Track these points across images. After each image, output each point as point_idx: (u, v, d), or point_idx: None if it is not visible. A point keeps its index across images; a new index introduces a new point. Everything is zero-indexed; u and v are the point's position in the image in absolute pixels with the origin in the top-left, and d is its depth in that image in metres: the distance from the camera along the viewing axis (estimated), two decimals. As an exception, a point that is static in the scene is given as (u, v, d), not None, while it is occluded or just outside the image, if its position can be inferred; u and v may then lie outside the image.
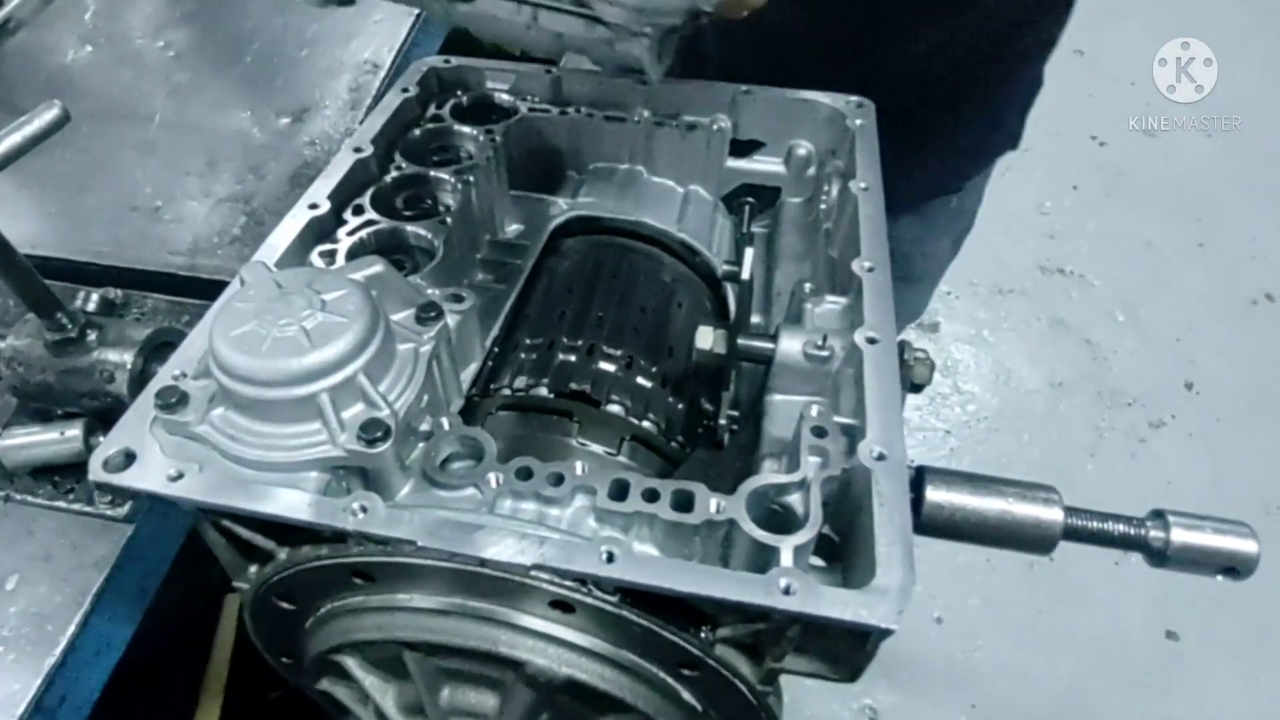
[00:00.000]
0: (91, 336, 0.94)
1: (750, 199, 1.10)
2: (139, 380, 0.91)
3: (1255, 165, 3.80)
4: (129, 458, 0.65)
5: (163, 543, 1.02)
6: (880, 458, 0.64)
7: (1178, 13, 3.93)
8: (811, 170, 1.07)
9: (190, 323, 1.13)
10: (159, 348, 0.95)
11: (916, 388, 0.83)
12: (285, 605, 0.72)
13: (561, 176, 1.11)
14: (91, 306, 1.08)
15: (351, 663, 0.73)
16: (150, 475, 0.64)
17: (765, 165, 1.09)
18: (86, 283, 1.13)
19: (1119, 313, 3.35)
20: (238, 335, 0.65)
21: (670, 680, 0.66)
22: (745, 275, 0.79)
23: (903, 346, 0.78)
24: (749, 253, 0.78)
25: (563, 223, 1.04)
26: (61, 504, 0.97)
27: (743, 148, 1.08)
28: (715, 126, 1.05)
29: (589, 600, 0.61)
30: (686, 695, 0.66)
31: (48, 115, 0.85)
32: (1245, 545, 0.69)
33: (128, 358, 0.92)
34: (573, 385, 0.82)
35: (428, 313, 0.74)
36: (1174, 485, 2.85)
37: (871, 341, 0.73)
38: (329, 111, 1.42)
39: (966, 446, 2.99)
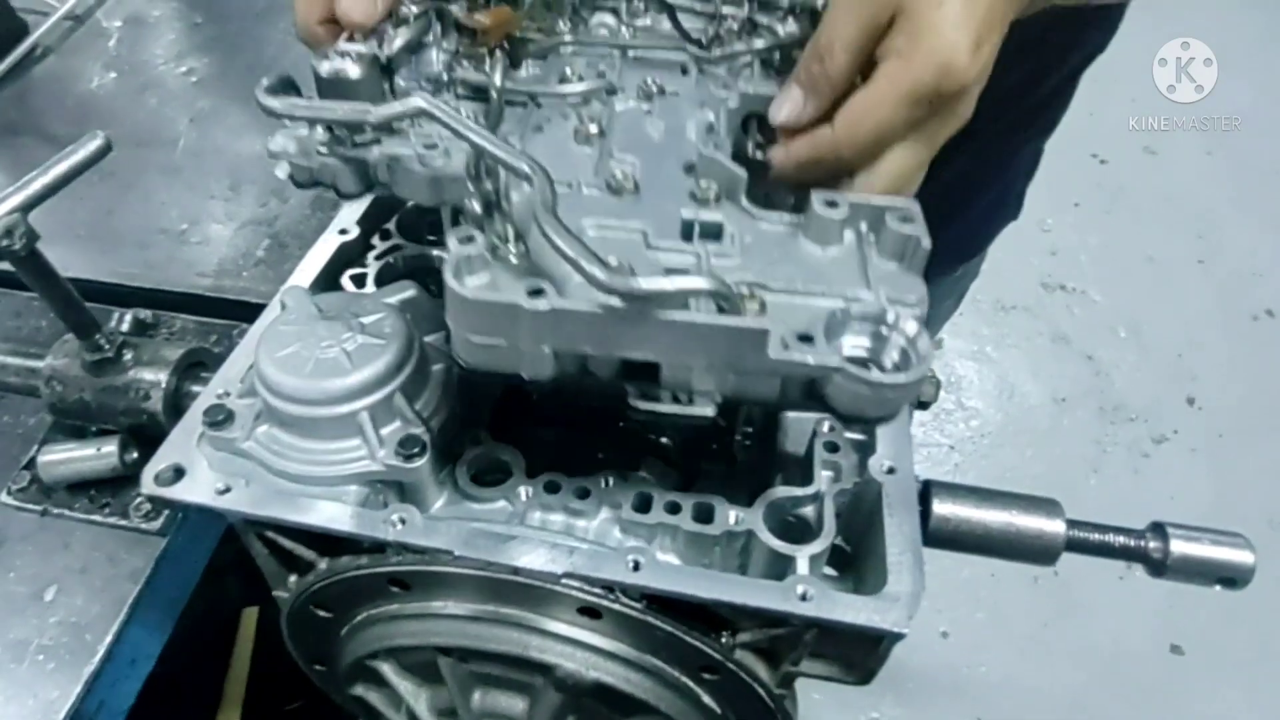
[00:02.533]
0: (127, 356, 0.96)
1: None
2: (173, 398, 0.94)
3: (1255, 182, 3.83)
4: (179, 472, 0.69)
5: (193, 555, 1.04)
6: (890, 471, 0.67)
7: (1175, 30, 3.96)
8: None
9: (218, 342, 1.16)
10: (191, 367, 0.98)
11: (923, 405, 0.86)
12: (323, 613, 0.75)
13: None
14: (125, 327, 1.12)
15: (387, 668, 0.76)
16: (199, 489, 0.68)
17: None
18: (115, 304, 1.15)
19: (1121, 329, 3.38)
20: (283, 357, 0.68)
21: (692, 684, 0.68)
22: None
23: (910, 365, 0.81)
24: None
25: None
26: (97, 517, 0.99)
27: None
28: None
29: (616, 606, 0.64)
30: (707, 698, 0.69)
31: (91, 145, 0.88)
32: (1242, 556, 0.71)
33: (162, 377, 0.95)
34: (594, 404, 0.85)
35: (458, 334, 0.78)
36: (1176, 500, 2.87)
37: (880, 360, 0.77)
38: (349, 136, 1.46)
39: (970, 462, 3.02)
